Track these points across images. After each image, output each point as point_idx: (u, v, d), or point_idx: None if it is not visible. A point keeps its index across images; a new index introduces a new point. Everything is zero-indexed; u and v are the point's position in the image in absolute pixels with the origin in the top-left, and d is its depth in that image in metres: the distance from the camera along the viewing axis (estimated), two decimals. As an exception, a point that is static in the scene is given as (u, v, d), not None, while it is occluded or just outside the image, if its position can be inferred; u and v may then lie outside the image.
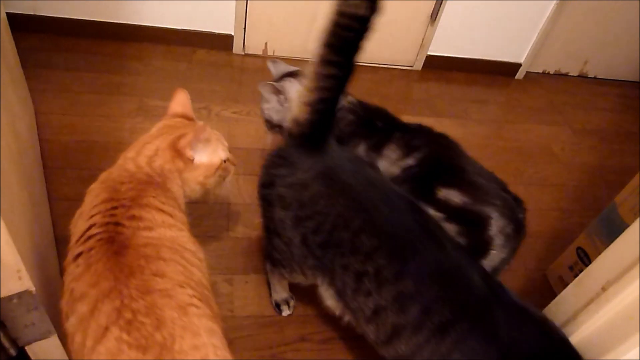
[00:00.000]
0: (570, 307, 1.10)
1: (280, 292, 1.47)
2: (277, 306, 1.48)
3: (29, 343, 0.97)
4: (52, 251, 1.41)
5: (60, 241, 1.49)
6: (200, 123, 1.15)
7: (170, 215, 1.02)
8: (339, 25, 0.99)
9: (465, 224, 1.32)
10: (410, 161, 1.36)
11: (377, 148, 1.41)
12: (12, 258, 0.83)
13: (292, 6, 2.35)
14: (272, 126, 1.56)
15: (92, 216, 0.97)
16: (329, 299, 1.19)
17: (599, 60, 2.93)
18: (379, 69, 2.63)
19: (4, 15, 1.61)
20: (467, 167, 1.38)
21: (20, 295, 0.88)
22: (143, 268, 0.87)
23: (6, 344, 0.93)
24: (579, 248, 1.61)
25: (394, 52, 2.61)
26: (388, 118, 1.51)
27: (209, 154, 1.15)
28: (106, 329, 0.80)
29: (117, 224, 0.94)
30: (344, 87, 1.08)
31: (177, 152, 1.09)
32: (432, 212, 1.29)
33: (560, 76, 2.98)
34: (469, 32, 2.58)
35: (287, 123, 1.45)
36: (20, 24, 2.01)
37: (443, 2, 2.41)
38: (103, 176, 1.09)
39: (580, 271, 1.57)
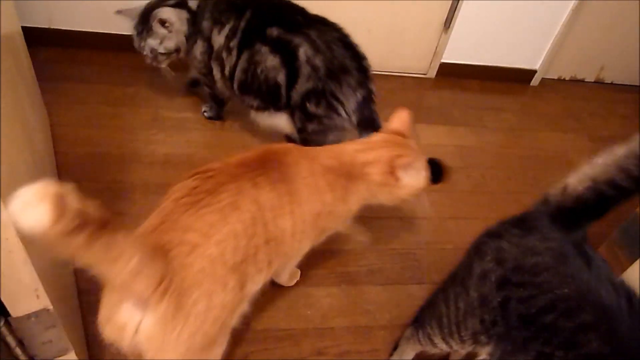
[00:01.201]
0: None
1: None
2: None
3: (46, 361, 0.97)
4: (69, 266, 1.41)
5: (76, 254, 1.50)
6: (413, 143, 1.31)
7: (328, 194, 1.16)
8: None
9: (282, 52, 1.63)
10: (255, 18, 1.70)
11: (240, 15, 1.71)
12: (30, 277, 0.83)
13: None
14: (170, 55, 1.84)
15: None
16: None
17: (616, 66, 2.90)
18: (392, 77, 2.61)
19: (19, 29, 1.62)
20: (298, 14, 1.70)
21: (37, 313, 0.88)
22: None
23: (24, 362, 0.92)
24: (600, 259, 1.58)
25: (408, 59, 2.60)
26: None
27: (415, 179, 1.27)
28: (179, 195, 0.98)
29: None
30: None
31: (391, 169, 1.22)
32: (263, 48, 1.65)
33: (576, 82, 2.94)
34: (483, 39, 2.56)
35: (182, 46, 1.82)
36: (36, 37, 2.03)
37: (457, 9, 2.40)
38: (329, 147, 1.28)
39: (602, 283, 1.54)
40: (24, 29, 1.68)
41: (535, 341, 0.92)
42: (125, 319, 0.86)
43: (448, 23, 2.46)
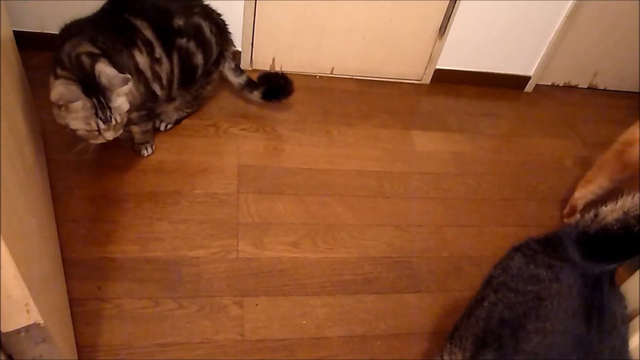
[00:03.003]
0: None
1: None
2: None
3: (37, 376, 0.94)
4: (60, 275, 1.39)
5: (69, 264, 1.47)
6: None
7: None
8: None
9: (194, 36, 1.80)
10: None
11: (133, 29, 1.69)
12: (20, 292, 0.81)
13: (299, 21, 2.34)
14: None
15: None
16: None
17: (609, 72, 2.90)
18: (387, 83, 2.61)
19: (11, 34, 1.60)
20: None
21: (28, 328, 0.86)
22: None
23: (14, 377, 0.90)
24: (596, 267, 1.58)
25: (403, 66, 2.59)
26: None
27: None
28: None
29: None
30: None
31: None
32: (182, 41, 1.76)
33: (570, 88, 2.95)
34: (478, 45, 2.56)
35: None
36: (28, 42, 2.00)
37: (452, 15, 2.40)
38: None
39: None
40: (16, 33, 1.66)
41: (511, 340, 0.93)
42: None
43: (443, 29, 2.46)
